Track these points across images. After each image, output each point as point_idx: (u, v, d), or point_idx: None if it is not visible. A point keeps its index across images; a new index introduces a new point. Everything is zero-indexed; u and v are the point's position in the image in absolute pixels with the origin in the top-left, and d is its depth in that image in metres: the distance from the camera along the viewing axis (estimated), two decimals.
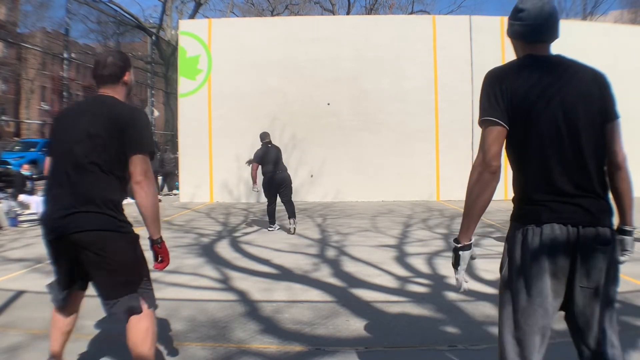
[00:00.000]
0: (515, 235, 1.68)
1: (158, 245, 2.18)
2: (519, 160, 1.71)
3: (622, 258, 1.76)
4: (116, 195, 2.14)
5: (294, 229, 7.35)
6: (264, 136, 7.77)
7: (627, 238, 1.77)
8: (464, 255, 1.73)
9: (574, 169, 1.60)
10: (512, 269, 1.69)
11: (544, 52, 1.72)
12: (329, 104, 11.96)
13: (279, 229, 7.64)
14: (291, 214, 7.43)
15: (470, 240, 1.72)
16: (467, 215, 1.68)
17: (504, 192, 12.07)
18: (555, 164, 1.60)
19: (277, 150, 7.70)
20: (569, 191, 1.59)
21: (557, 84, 1.62)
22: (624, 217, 1.76)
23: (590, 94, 1.64)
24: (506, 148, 1.71)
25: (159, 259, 2.20)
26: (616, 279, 1.68)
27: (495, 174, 1.67)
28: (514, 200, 1.74)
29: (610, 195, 1.70)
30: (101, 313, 3.65)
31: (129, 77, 2.33)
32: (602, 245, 1.58)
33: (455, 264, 1.75)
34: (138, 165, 2.09)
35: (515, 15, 1.74)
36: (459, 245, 1.72)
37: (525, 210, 1.66)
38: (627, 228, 1.77)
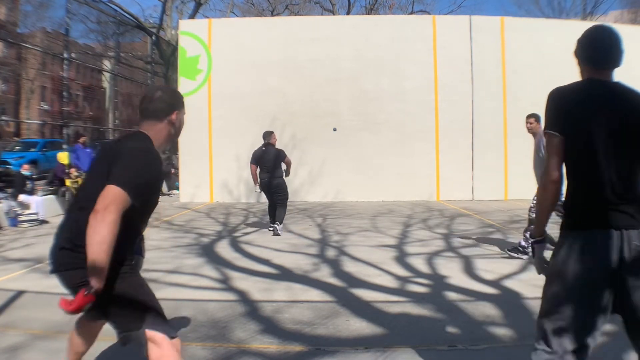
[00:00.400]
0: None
1: (86, 293, 1.76)
2: (572, 171, 1.90)
3: None
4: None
5: (274, 231, 7.17)
6: (265, 136, 7.51)
7: None
8: (539, 247, 1.97)
9: (620, 180, 1.78)
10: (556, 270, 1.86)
11: (607, 78, 1.95)
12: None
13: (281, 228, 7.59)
14: (278, 217, 7.29)
15: (543, 235, 1.96)
16: (538, 215, 1.96)
17: (504, 192, 12.08)
18: (604, 176, 1.78)
19: (276, 154, 7.36)
20: (614, 200, 1.77)
21: (614, 107, 1.82)
22: None
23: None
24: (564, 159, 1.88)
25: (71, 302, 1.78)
26: None
27: (556, 182, 1.88)
28: (565, 206, 1.93)
29: None
30: None
31: (176, 116, 2.14)
32: None
33: (534, 255, 2.01)
34: (103, 195, 1.80)
35: (587, 43, 1.98)
36: (536, 239, 1.97)
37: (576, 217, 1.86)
38: None
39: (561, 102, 1.86)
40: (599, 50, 1.94)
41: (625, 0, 31.53)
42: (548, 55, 12.16)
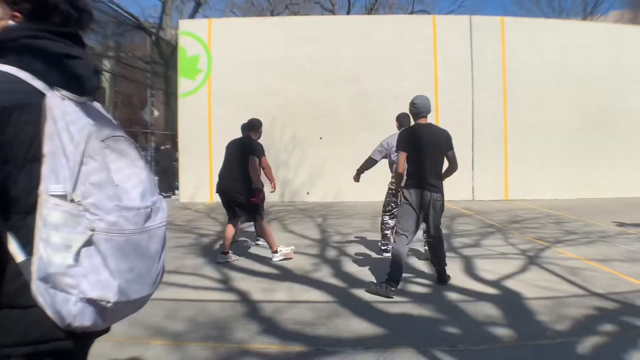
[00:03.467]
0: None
1: None
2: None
3: None
4: None
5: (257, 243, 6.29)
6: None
7: None
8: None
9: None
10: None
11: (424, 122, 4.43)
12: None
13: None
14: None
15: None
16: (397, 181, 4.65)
17: (504, 192, 12.08)
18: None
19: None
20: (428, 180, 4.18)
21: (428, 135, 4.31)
22: None
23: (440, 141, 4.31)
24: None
25: None
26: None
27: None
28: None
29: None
30: None
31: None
32: None
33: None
34: None
35: (412, 104, 4.55)
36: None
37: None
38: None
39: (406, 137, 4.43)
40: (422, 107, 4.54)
41: (625, 0, 31.53)
42: (548, 55, 12.17)
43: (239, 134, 5.86)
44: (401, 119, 5.65)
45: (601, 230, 7.26)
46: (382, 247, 5.74)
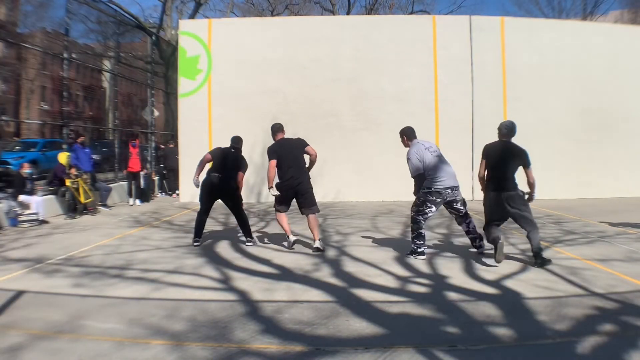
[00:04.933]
0: None
1: None
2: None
3: None
4: None
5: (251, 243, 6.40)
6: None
7: None
8: None
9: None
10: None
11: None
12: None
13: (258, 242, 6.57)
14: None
15: None
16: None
17: None
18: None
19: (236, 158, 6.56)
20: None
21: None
22: None
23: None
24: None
25: None
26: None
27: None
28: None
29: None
30: (101, 313, 3.66)
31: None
32: None
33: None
34: None
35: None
36: None
37: None
38: None
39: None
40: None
41: (625, 0, 31.52)
42: (548, 55, 12.16)
43: (238, 134, 5.97)
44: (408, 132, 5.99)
45: (601, 230, 7.26)
46: (419, 250, 5.49)
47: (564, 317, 3.47)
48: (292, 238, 6.14)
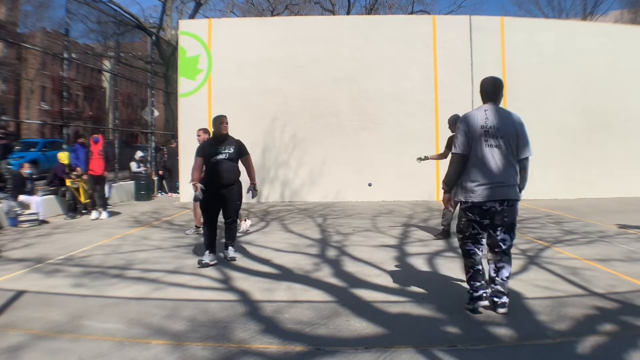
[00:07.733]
0: None
1: None
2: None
3: None
4: None
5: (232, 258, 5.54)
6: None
7: None
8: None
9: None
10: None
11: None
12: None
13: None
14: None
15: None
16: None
17: None
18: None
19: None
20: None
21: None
22: None
23: None
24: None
25: None
26: None
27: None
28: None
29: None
30: (101, 313, 3.66)
31: None
32: None
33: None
34: None
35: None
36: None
37: None
38: None
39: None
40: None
41: (625, 0, 31.53)
42: (548, 55, 12.16)
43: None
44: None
45: (601, 230, 7.26)
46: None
47: (564, 317, 3.47)
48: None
